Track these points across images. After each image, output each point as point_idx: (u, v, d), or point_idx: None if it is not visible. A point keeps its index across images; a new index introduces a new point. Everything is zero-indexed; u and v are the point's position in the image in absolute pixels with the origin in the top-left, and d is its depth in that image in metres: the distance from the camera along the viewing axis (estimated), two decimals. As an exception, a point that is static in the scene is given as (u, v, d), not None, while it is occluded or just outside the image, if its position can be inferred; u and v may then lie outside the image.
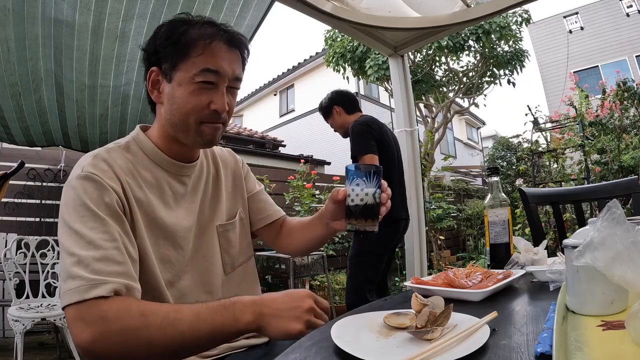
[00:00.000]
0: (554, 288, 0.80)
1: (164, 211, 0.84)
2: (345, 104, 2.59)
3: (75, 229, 0.70)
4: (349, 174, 0.81)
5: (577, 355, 0.45)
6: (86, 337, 0.62)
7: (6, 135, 2.49)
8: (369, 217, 0.81)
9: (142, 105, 2.48)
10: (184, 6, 1.96)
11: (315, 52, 12.11)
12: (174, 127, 0.83)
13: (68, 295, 0.64)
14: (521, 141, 7.20)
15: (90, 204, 0.72)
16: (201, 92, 0.80)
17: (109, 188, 0.75)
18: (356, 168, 0.81)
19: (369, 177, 0.80)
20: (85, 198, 0.72)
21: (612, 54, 12.84)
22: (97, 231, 0.70)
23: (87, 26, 1.92)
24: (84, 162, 0.78)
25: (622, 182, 1.53)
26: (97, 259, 0.67)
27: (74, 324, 0.64)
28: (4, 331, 3.28)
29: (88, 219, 0.71)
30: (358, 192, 0.79)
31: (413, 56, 7.01)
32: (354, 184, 0.80)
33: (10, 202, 3.51)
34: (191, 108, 0.80)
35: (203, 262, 0.90)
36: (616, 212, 0.56)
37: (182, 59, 0.79)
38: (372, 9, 2.40)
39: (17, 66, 2.03)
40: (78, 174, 0.75)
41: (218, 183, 0.98)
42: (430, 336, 0.57)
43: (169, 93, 0.82)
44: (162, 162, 0.87)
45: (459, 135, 16.84)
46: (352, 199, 0.80)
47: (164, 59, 0.81)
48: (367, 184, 0.79)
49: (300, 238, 1.05)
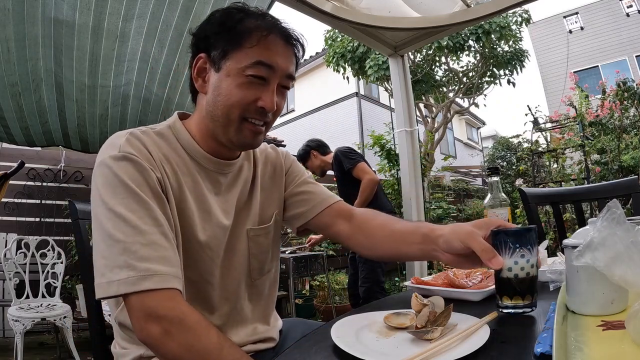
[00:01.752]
0: (554, 288, 0.80)
1: (196, 204, 0.79)
2: (318, 147, 3.07)
3: (117, 212, 0.65)
4: (507, 242, 0.64)
5: (577, 355, 0.45)
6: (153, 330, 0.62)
7: (6, 135, 2.49)
8: (533, 291, 0.66)
9: (142, 105, 2.48)
10: (184, 6, 1.96)
11: (315, 52, 12.10)
12: (214, 120, 0.77)
13: (116, 285, 0.62)
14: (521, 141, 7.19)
15: (132, 185, 0.67)
16: (250, 86, 0.74)
17: (148, 169, 0.71)
18: (519, 234, 0.64)
19: (534, 244, 0.65)
20: (125, 178, 0.67)
21: (612, 54, 12.83)
22: (141, 214, 0.66)
23: (87, 26, 1.92)
24: (118, 141, 0.72)
25: (622, 182, 1.53)
26: (143, 245, 0.64)
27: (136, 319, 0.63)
28: (4, 331, 3.28)
29: (130, 201, 0.66)
30: (524, 265, 0.63)
31: (413, 56, 7.00)
32: (517, 255, 0.63)
33: (10, 202, 3.51)
34: (236, 101, 0.74)
35: (228, 267, 0.84)
36: (616, 212, 0.56)
37: (234, 48, 0.74)
38: (372, 9, 2.40)
39: (17, 66, 2.03)
40: (114, 154, 0.70)
41: (253, 184, 0.90)
42: (430, 336, 0.57)
43: (214, 83, 0.76)
44: (197, 156, 0.81)
45: (459, 135, 16.84)
46: (516, 273, 0.64)
47: (215, 46, 0.75)
48: (532, 253, 0.64)
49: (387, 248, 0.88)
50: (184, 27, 2.07)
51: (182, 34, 2.10)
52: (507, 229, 0.66)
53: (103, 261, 0.65)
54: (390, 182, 4.65)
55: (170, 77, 2.35)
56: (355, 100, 11.85)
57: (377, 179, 2.76)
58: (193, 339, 0.63)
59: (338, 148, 2.96)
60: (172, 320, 0.63)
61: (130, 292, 0.62)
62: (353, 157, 2.82)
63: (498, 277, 0.66)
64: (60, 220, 3.66)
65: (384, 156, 4.63)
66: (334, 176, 3.05)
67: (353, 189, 2.77)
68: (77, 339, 2.89)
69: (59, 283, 2.89)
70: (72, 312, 2.78)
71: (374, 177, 2.75)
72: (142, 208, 0.67)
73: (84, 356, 2.73)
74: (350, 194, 2.78)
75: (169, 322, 0.62)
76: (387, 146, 4.60)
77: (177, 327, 0.62)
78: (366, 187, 2.72)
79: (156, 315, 0.63)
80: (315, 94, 12.49)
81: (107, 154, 0.71)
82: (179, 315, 0.63)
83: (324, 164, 3.05)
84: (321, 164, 3.05)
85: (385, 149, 4.61)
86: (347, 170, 2.80)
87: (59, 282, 2.89)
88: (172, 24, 2.04)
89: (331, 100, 12.25)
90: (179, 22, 2.04)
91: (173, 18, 2.01)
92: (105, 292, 0.64)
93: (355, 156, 2.85)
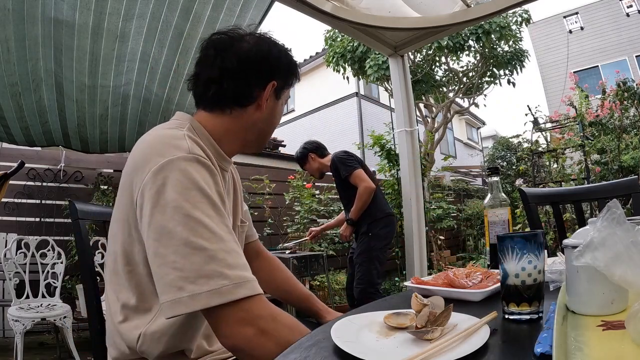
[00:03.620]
0: (554, 288, 0.80)
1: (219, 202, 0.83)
2: (316, 150, 3.05)
3: (196, 217, 0.63)
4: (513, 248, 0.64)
5: (577, 355, 0.45)
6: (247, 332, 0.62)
7: (6, 135, 2.49)
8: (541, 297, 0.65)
9: (142, 105, 2.48)
10: (184, 6, 1.96)
11: (315, 52, 12.12)
12: (261, 136, 0.91)
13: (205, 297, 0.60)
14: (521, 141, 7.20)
15: (208, 190, 0.67)
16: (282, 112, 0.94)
17: (216, 173, 0.72)
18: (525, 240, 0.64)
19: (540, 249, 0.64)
20: (202, 183, 0.67)
21: (612, 54, 12.84)
22: (217, 220, 0.65)
23: (87, 26, 1.92)
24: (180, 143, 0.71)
25: (622, 182, 1.53)
26: (227, 252, 0.63)
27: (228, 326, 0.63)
28: (4, 331, 3.28)
29: (208, 207, 0.65)
30: (531, 271, 0.63)
31: (413, 56, 7.01)
32: (524, 261, 0.63)
33: (10, 202, 3.50)
34: (278, 124, 0.95)
35: None
36: (616, 212, 0.56)
37: (291, 85, 0.92)
38: (372, 9, 2.40)
39: (17, 66, 2.03)
40: (185, 156, 0.68)
41: (235, 187, 1.00)
42: (430, 336, 0.57)
43: (272, 107, 0.89)
44: (214, 153, 0.85)
45: (459, 135, 16.84)
46: (523, 279, 0.63)
47: (280, 78, 0.88)
48: (539, 258, 0.64)
49: (278, 291, 1.15)
50: (184, 27, 2.07)
51: (182, 34, 2.10)
52: (513, 234, 0.66)
53: (178, 273, 0.61)
54: (390, 182, 4.65)
55: (170, 77, 2.35)
56: (355, 100, 11.86)
57: (373, 187, 2.75)
58: (289, 334, 0.64)
59: (335, 154, 2.95)
60: (267, 320, 0.64)
61: (225, 302, 0.61)
62: (350, 164, 2.82)
63: (504, 283, 0.65)
64: (60, 220, 3.66)
65: (384, 156, 4.63)
66: (333, 179, 3.05)
67: (354, 192, 2.78)
68: (77, 339, 2.89)
69: (59, 283, 2.89)
70: (72, 312, 2.78)
71: (370, 185, 2.74)
72: (217, 214, 0.67)
73: (84, 356, 2.73)
74: (351, 198, 2.80)
75: (265, 321, 0.63)
76: (387, 146, 4.60)
77: (272, 325, 0.64)
78: (362, 195, 2.73)
79: (250, 318, 0.63)
80: (315, 94, 12.50)
81: (171, 154, 0.68)
82: (272, 315, 0.65)
83: (322, 166, 3.04)
84: (319, 166, 3.04)
85: (385, 149, 4.60)
86: (344, 178, 2.82)
87: (59, 282, 2.89)
88: (172, 24, 2.04)
89: (331, 100, 12.25)
90: (179, 22, 2.04)
91: (173, 18, 2.01)
92: (190, 306, 0.60)
93: (352, 162, 2.84)
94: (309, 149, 3.05)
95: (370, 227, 2.78)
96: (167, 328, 0.76)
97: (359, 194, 2.73)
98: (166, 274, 0.62)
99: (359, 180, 2.76)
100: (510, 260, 0.64)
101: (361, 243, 2.82)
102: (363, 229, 2.81)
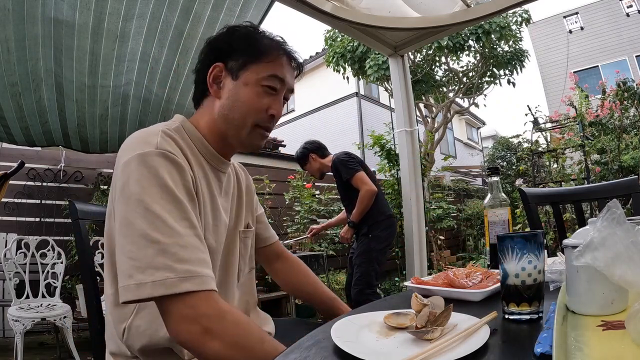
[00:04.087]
0: (554, 288, 0.80)
1: (210, 203, 0.82)
2: (317, 150, 3.01)
3: (154, 211, 0.64)
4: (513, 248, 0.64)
5: (577, 355, 0.45)
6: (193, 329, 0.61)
7: (6, 135, 2.49)
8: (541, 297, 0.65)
9: (142, 105, 2.48)
10: (184, 6, 1.96)
11: (315, 52, 12.11)
12: (229, 123, 0.84)
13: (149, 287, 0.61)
14: (521, 141, 7.20)
15: (171, 185, 0.67)
16: (264, 95, 0.84)
17: (186, 168, 0.72)
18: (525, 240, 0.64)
19: (540, 249, 0.64)
20: (163, 177, 0.67)
21: (612, 54, 12.83)
22: (178, 216, 0.66)
23: (87, 26, 1.92)
24: (152, 138, 0.72)
25: (622, 182, 1.53)
26: (182, 247, 0.63)
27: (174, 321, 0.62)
28: (4, 331, 3.28)
29: (168, 202, 0.66)
30: (531, 271, 0.63)
31: (413, 56, 7.01)
32: (524, 261, 0.63)
33: (10, 202, 3.51)
34: (253, 109, 0.83)
35: (226, 268, 0.89)
36: (616, 212, 0.56)
37: (254, 61, 0.83)
38: (372, 9, 2.40)
39: (17, 66, 2.03)
40: (151, 151, 0.69)
41: (239, 189, 0.99)
42: (430, 336, 0.57)
43: (231, 90, 0.83)
44: (206, 153, 0.85)
45: (459, 135, 16.84)
46: (523, 279, 0.63)
47: (235, 57, 0.83)
48: (539, 258, 0.64)
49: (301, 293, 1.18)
50: (184, 27, 2.07)
51: (182, 34, 2.10)
52: (513, 234, 0.66)
53: (131, 262, 0.63)
54: (390, 182, 4.65)
55: (170, 77, 2.34)
56: (355, 100, 11.86)
57: (374, 190, 2.75)
58: (237, 334, 0.64)
59: (336, 155, 2.92)
60: (213, 318, 0.63)
61: (168, 294, 0.61)
62: (351, 167, 2.80)
63: (504, 283, 0.65)
64: (60, 220, 3.66)
65: (384, 156, 4.63)
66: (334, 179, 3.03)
67: (355, 194, 2.77)
68: (77, 339, 2.89)
69: (59, 283, 2.89)
70: (72, 312, 2.78)
71: (372, 188, 2.73)
72: (177, 209, 0.67)
73: (84, 356, 2.73)
74: (352, 200, 2.79)
75: (210, 320, 0.62)
76: (387, 146, 4.60)
77: (219, 325, 0.63)
78: (364, 198, 2.72)
79: (195, 315, 0.62)
80: (315, 94, 12.50)
81: (140, 149, 0.70)
82: (220, 313, 0.64)
83: (322, 167, 3.01)
84: (320, 167, 3.01)
85: (385, 149, 4.61)
86: (345, 180, 2.81)
87: (59, 282, 2.89)
88: (172, 24, 2.04)
89: (331, 100, 12.25)
90: (179, 22, 2.04)
91: (173, 18, 2.01)
92: (135, 294, 0.62)
93: (353, 165, 2.82)
94: (310, 149, 3.02)
95: (371, 229, 2.78)
96: (148, 323, 0.76)
97: (361, 197, 2.72)
98: (123, 262, 0.64)
99: (360, 183, 2.74)
100: (510, 260, 0.64)
101: (361, 244, 2.82)
102: (363, 230, 2.81)
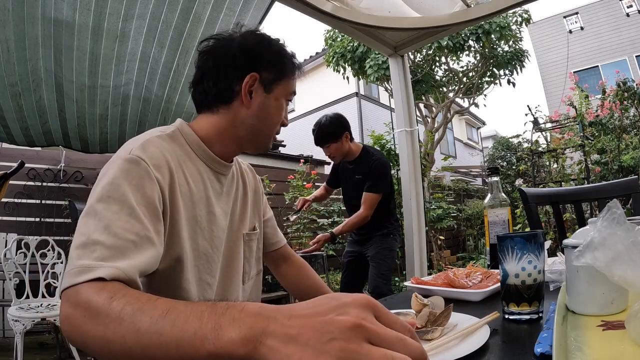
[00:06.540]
0: (554, 288, 0.80)
1: (205, 207, 0.83)
2: (349, 130, 2.54)
3: (95, 208, 0.64)
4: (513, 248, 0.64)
5: (577, 355, 0.45)
6: (62, 319, 0.53)
7: (6, 135, 2.49)
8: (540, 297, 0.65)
9: (142, 106, 2.48)
10: (183, 6, 1.96)
11: (315, 52, 12.12)
12: (253, 133, 0.88)
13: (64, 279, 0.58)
14: (521, 141, 7.21)
15: (126, 188, 0.66)
16: (283, 109, 0.91)
17: (153, 178, 0.70)
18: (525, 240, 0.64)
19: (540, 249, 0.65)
20: (122, 180, 0.67)
21: (612, 54, 12.83)
22: (120, 219, 0.63)
23: (87, 26, 1.92)
24: (132, 145, 0.74)
25: (622, 182, 1.53)
26: (106, 247, 0.59)
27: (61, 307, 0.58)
28: (4, 331, 3.28)
29: (114, 203, 0.64)
30: (531, 271, 0.63)
31: (413, 56, 7.01)
32: (524, 261, 0.63)
33: (10, 202, 3.51)
34: (278, 122, 0.91)
35: (228, 270, 0.89)
36: (616, 212, 0.56)
37: (283, 78, 0.88)
38: (372, 9, 2.40)
39: (17, 66, 2.03)
40: (124, 156, 0.71)
41: (245, 191, 0.99)
42: (430, 336, 0.57)
43: (263, 102, 0.86)
44: (204, 156, 0.86)
45: (459, 135, 16.83)
46: (523, 279, 0.63)
47: (268, 70, 0.86)
48: (539, 258, 0.64)
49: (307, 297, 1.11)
50: (184, 28, 2.07)
51: (182, 34, 2.10)
52: (513, 234, 0.66)
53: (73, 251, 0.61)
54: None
55: (170, 77, 2.34)
56: (355, 100, 11.86)
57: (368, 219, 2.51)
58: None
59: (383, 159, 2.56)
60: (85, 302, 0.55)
61: (68, 285, 0.56)
62: (385, 184, 2.49)
63: (504, 283, 0.65)
64: (60, 220, 3.66)
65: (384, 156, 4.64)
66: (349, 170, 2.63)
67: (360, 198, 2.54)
68: (77, 339, 2.88)
69: (59, 283, 2.89)
70: (72, 312, 2.78)
71: (368, 215, 2.48)
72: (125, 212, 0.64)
73: (84, 356, 2.73)
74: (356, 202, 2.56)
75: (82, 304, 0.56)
76: (387, 146, 4.61)
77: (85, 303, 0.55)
78: (358, 221, 2.48)
79: (77, 303, 0.56)
80: (315, 94, 12.49)
81: (119, 154, 0.72)
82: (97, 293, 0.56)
83: (350, 151, 2.54)
84: (348, 150, 2.53)
85: (385, 149, 4.61)
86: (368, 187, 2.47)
87: (59, 282, 2.89)
88: (172, 24, 2.04)
89: (331, 100, 12.25)
90: (179, 22, 2.04)
91: (173, 18, 2.01)
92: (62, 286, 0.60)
93: (390, 183, 2.55)
94: (347, 126, 2.51)
95: (390, 230, 2.64)
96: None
97: (358, 217, 2.47)
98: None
99: (370, 203, 2.45)
100: (510, 260, 0.64)
101: (383, 242, 2.60)
102: (383, 231, 2.61)
